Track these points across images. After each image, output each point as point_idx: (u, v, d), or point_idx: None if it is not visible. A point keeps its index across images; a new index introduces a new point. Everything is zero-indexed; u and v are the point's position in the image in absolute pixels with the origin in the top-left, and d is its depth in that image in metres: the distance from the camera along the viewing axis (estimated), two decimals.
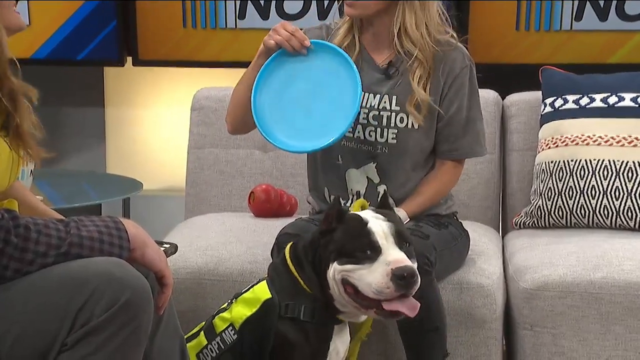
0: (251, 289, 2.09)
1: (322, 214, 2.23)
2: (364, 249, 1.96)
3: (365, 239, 1.96)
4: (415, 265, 1.97)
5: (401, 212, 2.42)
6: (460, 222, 2.60)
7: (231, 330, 2.05)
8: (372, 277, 1.94)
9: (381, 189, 2.48)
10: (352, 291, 1.98)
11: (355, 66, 2.30)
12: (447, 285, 2.45)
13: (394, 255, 1.95)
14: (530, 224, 2.94)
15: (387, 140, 2.46)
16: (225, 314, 2.08)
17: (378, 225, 1.99)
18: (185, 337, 2.01)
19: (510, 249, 2.77)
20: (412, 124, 2.44)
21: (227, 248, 2.62)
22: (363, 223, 1.99)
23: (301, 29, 2.38)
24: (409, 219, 2.43)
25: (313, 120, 2.32)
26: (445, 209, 2.56)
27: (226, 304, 2.12)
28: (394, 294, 1.93)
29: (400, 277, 1.92)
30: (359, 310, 2.01)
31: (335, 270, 1.98)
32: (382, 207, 2.10)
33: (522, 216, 2.97)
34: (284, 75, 2.36)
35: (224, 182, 3.13)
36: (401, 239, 1.98)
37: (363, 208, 2.20)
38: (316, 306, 2.02)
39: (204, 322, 2.14)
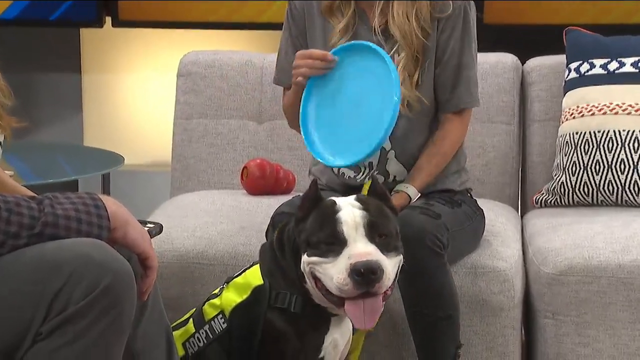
0: (243, 274, 2.10)
1: (326, 191, 2.23)
2: (329, 240, 1.93)
3: (331, 228, 1.94)
4: (389, 262, 1.92)
5: (410, 189, 2.42)
6: (475, 200, 2.60)
7: (221, 319, 2.06)
8: (334, 271, 1.91)
9: (391, 155, 2.49)
10: (321, 286, 1.96)
11: (383, 52, 2.31)
12: (461, 270, 2.46)
13: (358, 249, 1.92)
14: (553, 202, 2.95)
15: None
16: (215, 301, 2.09)
17: (350, 213, 1.95)
18: (172, 325, 2.02)
19: (530, 230, 2.78)
20: (418, 81, 2.45)
21: (217, 229, 2.62)
22: (334, 210, 1.96)
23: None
24: (419, 195, 2.43)
25: (363, 124, 2.35)
26: (458, 185, 2.57)
27: (217, 289, 2.13)
28: (353, 291, 1.90)
29: (358, 273, 1.89)
30: (332, 307, 1.99)
31: (304, 262, 1.97)
32: (374, 193, 2.05)
33: (543, 193, 2.98)
34: (324, 96, 2.39)
35: (213, 155, 3.13)
36: (374, 231, 1.94)
37: None
38: (308, 298, 2.02)
39: (193, 309, 2.16)
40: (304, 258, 1.96)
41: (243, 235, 2.58)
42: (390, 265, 1.93)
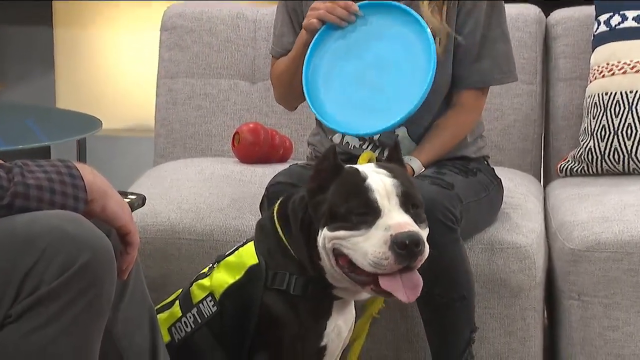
0: (236, 252, 2.11)
1: None
2: (360, 210, 1.93)
3: (361, 198, 1.94)
4: (423, 234, 1.95)
5: (414, 162, 2.43)
6: (493, 169, 2.61)
7: (210, 301, 2.07)
8: (369, 244, 1.92)
9: (401, 131, 2.49)
10: (346, 264, 1.96)
11: (420, 18, 2.32)
12: (476, 246, 2.47)
13: (396, 219, 1.92)
14: (579, 170, 2.95)
15: None
16: (204, 281, 2.10)
17: (379, 181, 1.96)
18: (156, 307, 2.03)
19: (554, 201, 2.79)
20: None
21: (206, 201, 2.64)
22: (361, 179, 1.97)
23: None
24: (424, 169, 2.45)
25: (380, 96, 2.35)
26: (474, 151, 2.58)
27: (207, 268, 2.14)
28: (393, 266, 1.91)
29: (402, 246, 1.90)
30: (355, 286, 2.00)
31: (325, 237, 1.96)
32: (391, 160, 2.08)
33: (568, 161, 2.98)
34: (336, 52, 2.39)
35: (201, 119, 3.14)
36: (408, 200, 1.95)
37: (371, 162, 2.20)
38: (310, 278, 2.03)
39: (179, 291, 2.17)
40: (325, 233, 1.95)
41: (235, 208, 2.60)
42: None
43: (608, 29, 2.96)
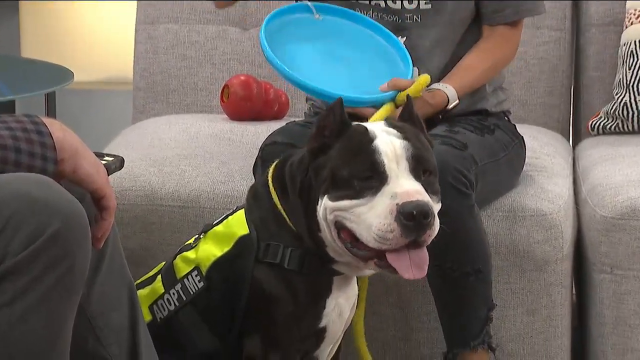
0: (225, 221, 2.12)
1: None
2: (365, 174, 1.93)
3: (367, 160, 1.93)
4: (435, 207, 1.94)
5: (449, 89, 2.44)
6: (514, 125, 2.62)
7: (196, 276, 2.08)
8: (373, 215, 1.91)
9: (414, 72, 2.49)
10: (349, 238, 1.97)
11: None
12: (495, 213, 2.48)
13: (404, 186, 1.92)
14: (613, 127, 2.96)
15: (418, 5, 2.49)
16: (189, 254, 2.11)
17: (387, 142, 1.95)
18: (136, 283, 2.04)
19: (584, 163, 2.80)
20: None
21: (191, 163, 2.65)
22: (368, 139, 1.96)
23: None
24: (458, 101, 2.44)
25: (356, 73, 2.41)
26: (494, 105, 2.58)
27: (192, 239, 2.15)
28: (399, 240, 1.91)
29: (408, 217, 1.89)
30: (358, 262, 2.00)
31: (326, 208, 1.96)
32: (406, 119, 2.06)
33: (601, 117, 2.99)
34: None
35: (186, 71, 3.14)
36: (419, 165, 1.95)
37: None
38: (307, 251, 2.04)
39: (162, 264, 2.18)
40: (326, 203, 1.95)
41: (224, 172, 2.61)
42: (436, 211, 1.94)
43: None
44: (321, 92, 2.30)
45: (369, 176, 1.92)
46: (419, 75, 2.44)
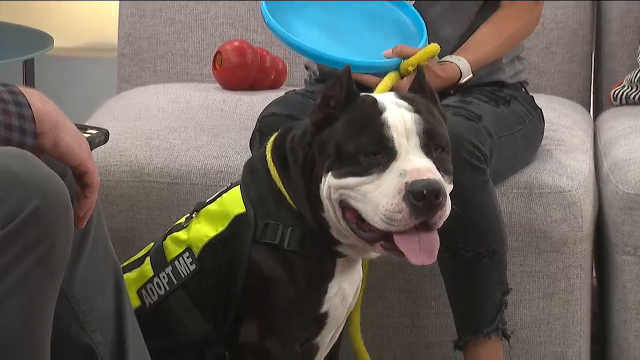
0: (219, 199, 2.12)
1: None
2: (372, 148, 1.93)
3: (374, 134, 1.93)
4: (447, 188, 1.94)
5: (462, 62, 2.44)
6: (532, 96, 2.62)
7: (188, 258, 2.08)
8: (380, 194, 1.91)
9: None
10: (355, 219, 1.97)
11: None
12: (510, 190, 2.49)
13: (414, 163, 1.92)
14: (637, 97, 2.96)
15: None
16: (180, 234, 2.12)
17: (397, 115, 1.95)
18: (122, 265, 2.05)
19: (606, 136, 2.80)
20: None
21: (181, 136, 2.65)
22: (377, 111, 1.96)
23: None
24: (471, 75, 2.45)
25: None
26: (511, 76, 2.59)
27: (184, 218, 2.16)
28: (408, 221, 1.91)
29: (418, 196, 1.89)
30: (363, 244, 2.01)
31: (330, 186, 1.96)
32: (417, 90, 2.06)
33: (624, 86, 2.99)
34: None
35: (175, 36, 3.14)
36: (430, 141, 1.95)
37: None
38: (308, 231, 2.04)
39: (150, 245, 2.19)
40: (330, 181, 1.96)
41: (217, 145, 2.61)
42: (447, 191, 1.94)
43: None
44: (322, 55, 2.30)
45: (376, 151, 1.93)
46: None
